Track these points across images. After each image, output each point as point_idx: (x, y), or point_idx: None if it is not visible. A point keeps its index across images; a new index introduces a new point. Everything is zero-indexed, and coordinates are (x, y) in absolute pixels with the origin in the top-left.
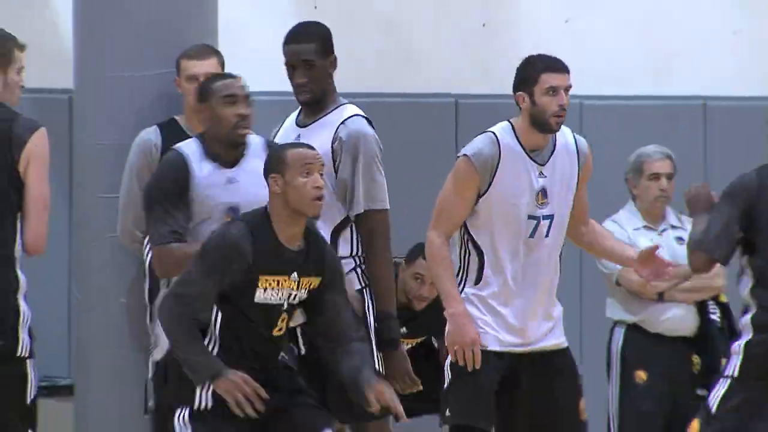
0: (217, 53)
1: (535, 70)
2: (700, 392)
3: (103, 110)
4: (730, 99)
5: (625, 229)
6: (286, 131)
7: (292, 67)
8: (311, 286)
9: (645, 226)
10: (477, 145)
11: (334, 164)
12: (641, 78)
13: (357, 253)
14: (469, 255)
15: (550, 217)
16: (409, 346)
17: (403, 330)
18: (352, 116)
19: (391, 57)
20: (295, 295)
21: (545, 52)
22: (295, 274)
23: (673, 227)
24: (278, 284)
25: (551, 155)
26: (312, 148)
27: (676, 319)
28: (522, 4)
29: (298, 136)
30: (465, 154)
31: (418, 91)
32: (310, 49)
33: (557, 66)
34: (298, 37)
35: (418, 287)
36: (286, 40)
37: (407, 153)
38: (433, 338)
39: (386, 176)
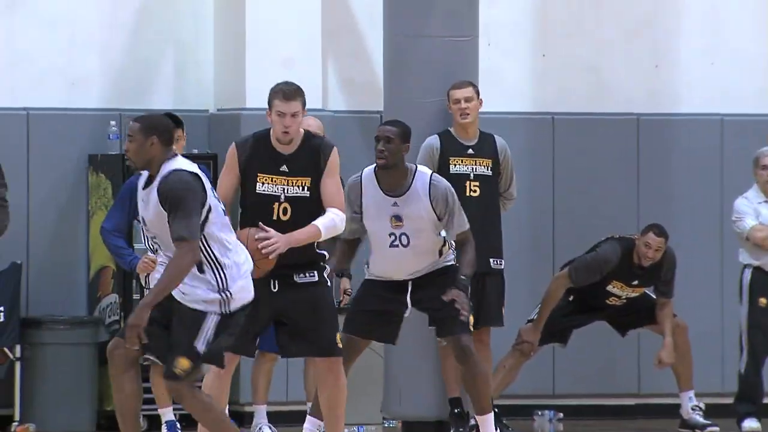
0: (472, 84)
1: None
2: None
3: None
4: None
5: (752, 202)
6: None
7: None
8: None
9: (765, 201)
10: None
11: None
12: None
13: None
14: None
15: None
16: (636, 294)
17: (636, 282)
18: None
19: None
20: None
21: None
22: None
23: None
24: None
25: None
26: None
27: None
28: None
29: None
30: None
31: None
32: (392, 130)
33: None
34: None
35: (646, 250)
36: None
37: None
38: (647, 291)
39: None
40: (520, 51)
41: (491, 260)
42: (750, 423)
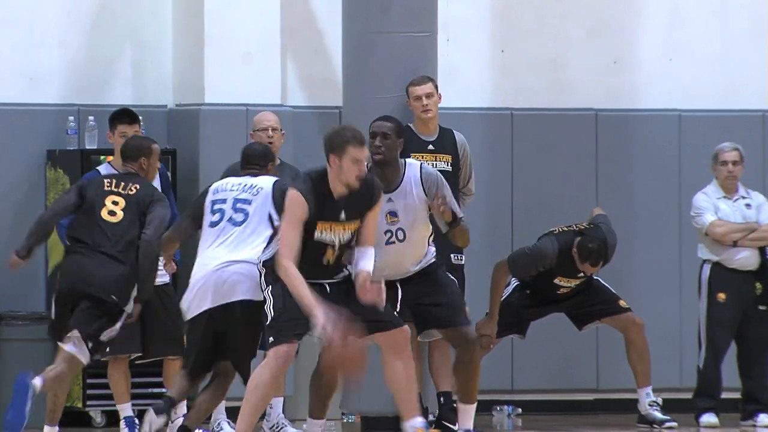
0: (431, 80)
1: None
2: (761, 308)
3: (362, 121)
4: None
5: (711, 197)
6: None
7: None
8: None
9: (724, 196)
10: None
11: None
12: None
13: None
14: None
15: None
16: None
17: (581, 274)
18: None
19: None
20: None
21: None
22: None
23: (743, 197)
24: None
25: None
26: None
27: (745, 258)
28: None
29: None
30: None
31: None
32: (389, 126)
33: None
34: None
35: (584, 269)
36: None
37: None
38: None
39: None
40: (479, 47)
41: (452, 256)
42: (708, 418)
